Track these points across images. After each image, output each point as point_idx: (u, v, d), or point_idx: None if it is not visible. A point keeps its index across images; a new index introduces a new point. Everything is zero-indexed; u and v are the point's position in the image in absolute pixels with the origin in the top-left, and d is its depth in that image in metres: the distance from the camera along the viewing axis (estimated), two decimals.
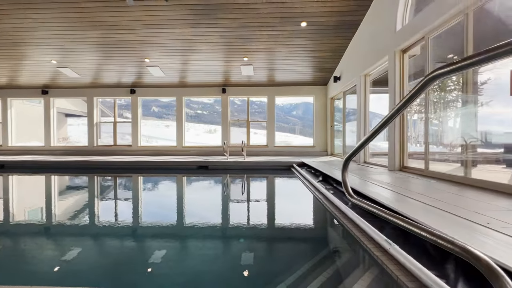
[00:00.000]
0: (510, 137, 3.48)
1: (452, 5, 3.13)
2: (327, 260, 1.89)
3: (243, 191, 4.71)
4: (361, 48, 5.92)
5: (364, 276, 1.53)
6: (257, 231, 2.52)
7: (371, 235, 1.85)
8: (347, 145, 7.65)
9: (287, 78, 8.73)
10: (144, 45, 6.86)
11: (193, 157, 8.30)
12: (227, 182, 5.68)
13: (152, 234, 2.38)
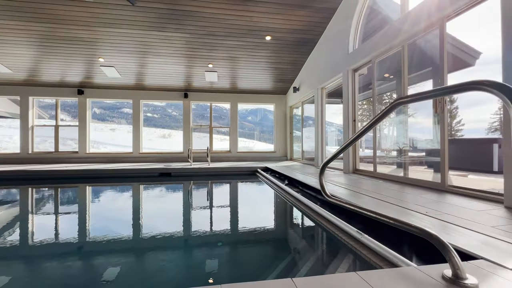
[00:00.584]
0: (429, 143, 4.39)
1: (393, 39, 3.86)
2: (308, 251, 2.16)
3: (215, 197, 4.77)
4: (319, 64, 6.61)
5: (343, 262, 1.84)
6: (238, 233, 2.67)
7: (344, 228, 2.20)
8: (305, 150, 8.32)
9: (250, 86, 9.06)
10: (98, 43, 6.34)
11: (153, 164, 7.90)
12: (195, 188, 5.63)
13: (111, 250, 2.18)
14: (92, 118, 9.41)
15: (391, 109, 1.49)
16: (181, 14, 5.45)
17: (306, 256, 2.10)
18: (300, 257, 2.08)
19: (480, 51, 4.77)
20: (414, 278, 1.15)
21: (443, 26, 3.06)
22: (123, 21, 5.59)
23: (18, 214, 3.55)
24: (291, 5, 5.34)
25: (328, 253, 2.15)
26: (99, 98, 8.92)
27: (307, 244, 2.39)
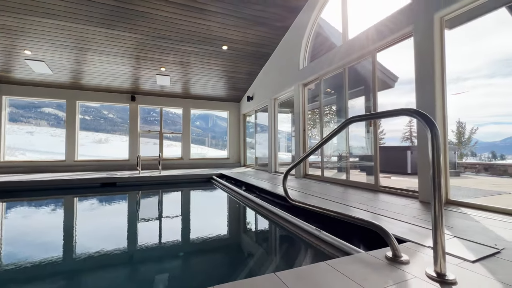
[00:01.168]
0: (364, 150, 5.20)
1: (337, 61, 4.50)
2: (273, 249, 2.36)
3: (170, 206, 4.60)
4: (272, 76, 7.08)
5: (307, 255, 2.09)
6: (200, 241, 2.70)
7: (303, 227, 2.48)
8: (258, 156, 8.68)
9: (204, 92, 9.01)
10: (25, 34, 5.43)
11: (93, 173, 7.05)
12: (146, 198, 5.29)
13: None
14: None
15: (345, 126, 1.82)
16: (134, 14, 5.16)
17: (273, 253, 2.29)
18: (268, 255, 2.26)
19: (398, 76, 5.92)
20: (366, 261, 1.45)
21: (374, 56, 3.76)
22: (60, 12, 4.96)
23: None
24: (248, 20, 5.64)
25: (292, 249, 2.39)
26: (21, 96, 7.53)
27: (270, 244, 2.58)
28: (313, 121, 8.92)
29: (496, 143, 3.46)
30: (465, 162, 10.06)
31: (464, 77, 21.20)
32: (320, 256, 2.02)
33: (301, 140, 5.62)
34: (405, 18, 3.18)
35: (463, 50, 17.78)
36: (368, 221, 1.66)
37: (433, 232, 1.24)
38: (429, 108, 2.81)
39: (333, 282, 1.21)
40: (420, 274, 1.27)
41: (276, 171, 7.08)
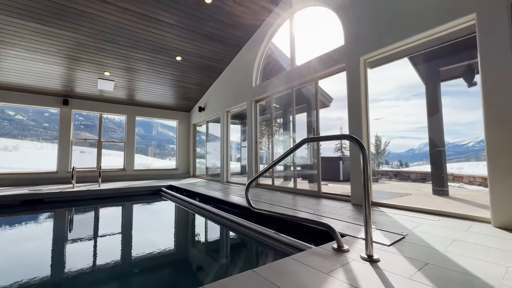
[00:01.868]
0: (308, 160, 5.94)
1: (287, 83, 5.11)
2: (239, 252, 2.60)
3: (116, 222, 4.30)
4: (225, 89, 7.37)
5: (268, 256, 2.40)
6: (166, 250, 2.73)
7: (263, 231, 2.79)
8: (208, 167, 8.73)
9: (152, 100, 8.62)
10: None
11: (7, 189, 5.90)
12: (82, 215, 4.77)
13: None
14: None
15: (300, 145, 2.25)
16: (78, 13, 4.76)
17: (239, 256, 2.52)
18: (236, 258, 2.48)
19: (333, 97, 6.99)
20: (319, 253, 1.84)
21: (317, 82, 4.48)
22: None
23: None
24: (204, 36, 5.86)
25: (257, 251, 2.66)
26: None
27: (236, 248, 2.81)
28: (260, 132, 9.53)
29: (402, 154, 4.41)
30: (381, 170, 12.29)
31: (379, 99, 25.70)
32: (280, 254, 2.35)
33: (253, 151, 6.03)
34: (340, 56, 3.97)
35: (379, 76, 21.86)
36: (319, 222, 2.09)
37: (365, 226, 1.72)
38: (358, 127, 3.57)
39: (299, 270, 1.55)
40: (357, 257, 1.72)
41: (228, 181, 7.29)
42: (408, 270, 1.52)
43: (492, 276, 1.42)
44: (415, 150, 26.34)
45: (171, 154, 15.28)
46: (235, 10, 5.23)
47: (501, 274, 1.44)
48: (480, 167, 17.84)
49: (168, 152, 16.80)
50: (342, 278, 1.43)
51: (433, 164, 4.91)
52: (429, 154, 5.01)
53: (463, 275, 1.44)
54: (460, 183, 8.47)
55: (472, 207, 3.22)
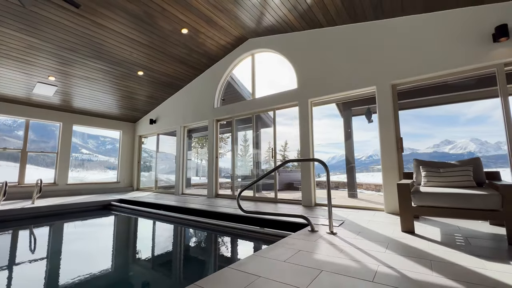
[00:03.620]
0: (248, 172, 7.06)
1: (248, 109, 6.18)
2: (235, 246, 3.37)
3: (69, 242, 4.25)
4: (183, 106, 7.81)
5: (260, 242, 3.29)
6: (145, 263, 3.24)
7: (250, 228, 3.66)
8: (157, 179, 8.73)
9: (94, 108, 8.07)
10: None
11: None
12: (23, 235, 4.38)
13: None
14: None
15: (283, 164, 3.31)
16: (42, 20, 4.55)
17: (236, 249, 3.30)
18: (234, 250, 3.25)
19: None
20: (303, 233, 2.91)
21: (275, 112, 5.74)
22: None
23: None
24: (172, 58, 6.33)
25: (250, 242, 3.49)
26: None
27: (229, 244, 3.55)
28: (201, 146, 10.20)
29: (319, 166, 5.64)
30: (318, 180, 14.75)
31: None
32: (270, 241, 3.29)
33: (214, 165, 6.74)
34: (294, 96, 5.36)
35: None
36: (298, 215, 3.18)
37: (329, 216, 2.90)
38: (307, 147, 4.95)
39: (297, 242, 2.55)
40: (324, 233, 2.87)
41: (183, 193, 7.61)
42: (352, 235, 2.76)
43: (387, 232, 2.82)
44: (328, 163, 32.25)
45: (107, 165, 13.86)
46: (205, 42, 6.02)
47: (391, 231, 2.86)
48: (370, 177, 23.74)
49: (105, 163, 15.06)
50: (323, 242, 2.53)
51: (348, 175, 6.88)
52: (346, 168, 6.99)
53: (377, 234, 2.78)
54: (361, 189, 11.38)
55: (373, 204, 5.01)
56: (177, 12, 4.87)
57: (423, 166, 3.34)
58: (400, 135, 4.12)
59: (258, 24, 5.49)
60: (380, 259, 2.04)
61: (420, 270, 1.80)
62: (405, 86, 4.24)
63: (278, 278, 1.70)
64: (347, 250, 2.27)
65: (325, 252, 2.22)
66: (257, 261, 2.04)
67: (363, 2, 4.05)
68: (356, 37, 4.63)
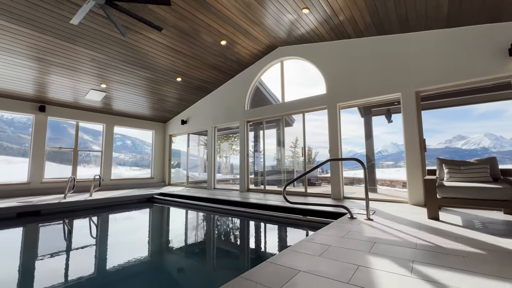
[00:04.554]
0: (294, 168, 7.70)
1: (277, 112, 6.80)
2: (285, 232, 4.04)
3: (132, 228, 5.00)
4: (215, 108, 8.48)
5: (304, 229, 3.94)
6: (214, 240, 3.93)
7: (294, 217, 4.31)
8: (189, 175, 9.50)
9: (130, 110, 8.83)
10: None
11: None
12: (100, 223, 5.17)
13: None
14: None
15: (326, 162, 3.93)
16: (106, 37, 5.27)
17: (285, 234, 3.96)
18: (287, 237, 3.92)
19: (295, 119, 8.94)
20: (344, 220, 3.54)
21: (304, 114, 6.35)
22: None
23: None
24: (208, 65, 6.99)
25: (296, 229, 4.15)
26: None
27: (282, 229, 4.22)
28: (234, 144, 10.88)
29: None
30: (322, 176, 15.23)
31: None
32: (311, 228, 3.94)
33: (245, 162, 7.42)
34: (323, 100, 5.94)
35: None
36: (338, 205, 3.80)
37: (366, 205, 3.52)
38: (336, 147, 5.55)
39: (345, 225, 3.19)
40: (363, 220, 3.49)
41: (215, 187, 8.34)
42: (387, 221, 3.37)
43: (416, 219, 3.41)
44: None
45: (137, 162, 14.69)
46: (240, 51, 6.64)
47: (419, 218, 3.45)
48: (380, 173, 24.30)
49: (135, 160, 15.74)
50: (365, 225, 3.15)
51: (369, 172, 7.44)
52: (367, 166, 7.53)
53: (407, 220, 3.38)
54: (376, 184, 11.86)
55: (393, 197, 5.57)
56: (219, 27, 5.50)
57: (446, 164, 3.90)
58: (423, 137, 4.68)
59: (289, 35, 6.07)
60: (416, 236, 2.65)
61: (449, 243, 2.41)
62: (427, 93, 4.76)
63: (345, 246, 2.34)
64: (388, 230, 2.89)
65: (371, 232, 2.85)
66: (322, 236, 2.69)
67: (391, 18, 4.57)
68: (382, 48, 5.16)
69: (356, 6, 4.36)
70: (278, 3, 4.62)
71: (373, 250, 2.23)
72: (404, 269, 1.80)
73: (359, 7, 4.38)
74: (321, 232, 2.87)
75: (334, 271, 1.78)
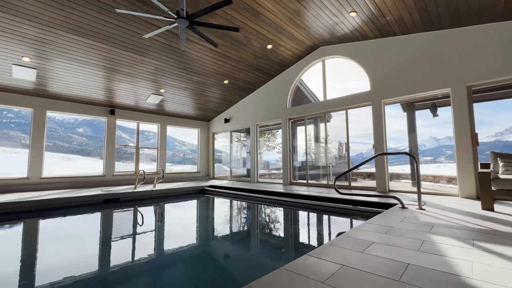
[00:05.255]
0: (336, 163, 7.99)
1: (319, 109, 7.13)
2: (338, 220, 4.45)
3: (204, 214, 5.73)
4: (256, 106, 9.05)
5: (358, 217, 4.31)
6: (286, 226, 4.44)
7: (345, 207, 4.68)
8: (232, 169, 10.24)
9: (179, 110, 9.78)
10: (32, 40, 5.16)
11: (86, 191, 6.64)
12: (172, 210, 6.01)
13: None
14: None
15: (376, 156, 4.24)
16: (173, 50, 6.06)
17: (344, 222, 4.37)
18: (346, 223, 4.33)
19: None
20: (396, 209, 3.84)
21: (347, 111, 6.60)
22: (86, 30, 5.20)
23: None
24: (253, 68, 7.54)
25: (348, 218, 4.54)
26: None
27: (338, 217, 4.64)
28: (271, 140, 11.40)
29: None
30: (357, 172, 15.10)
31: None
32: (363, 217, 4.28)
33: (288, 157, 7.88)
34: (367, 97, 6.14)
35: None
36: (389, 196, 4.10)
37: (418, 196, 3.77)
38: (381, 142, 5.75)
39: (398, 213, 3.50)
40: (414, 209, 3.76)
41: (258, 181, 8.95)
42: (439, 211, 3.61)
43: (469, 209, 3.59)
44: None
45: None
46: (283, 53, 7.07)
47: (472, 209, 3.62)
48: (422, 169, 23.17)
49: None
50: (418, 213, 3.44)
51: (412, 166, 7.43)
52: (409, 160, 7.53)
53: (461, 211, 3.58)
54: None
55: (442, 191, 5.62)
56: (267, 32, 5.98)
57: (500, 158, 3.96)
58: (475, 131, 4.71)
59: (332, 35, 6.34)
60: (472, 222, 2.90)
61: (507, 228, 2.63)
62: (478, 88, 4.76)
63: (406, 227, 2.70)
64: (443, 218, 3.16)
65: (426, 218, 3.15)
66: (381, 220, 3.06)
67: (441, 14, 4.65)
68: (430, 44, 5.23)
69: (405, 6, 4.53)
70: (326, 8, 4.96)
71: (433, 231, 2.56)
72: (466, 244, 2.13)
73: (408, 6, 4.54)
74: (379, 217, 3.24)
75: (403, 242, 2.18)
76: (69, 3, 4.32)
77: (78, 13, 4.60)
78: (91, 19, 4.75)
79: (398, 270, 1.62)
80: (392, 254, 1.92)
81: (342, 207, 4.73)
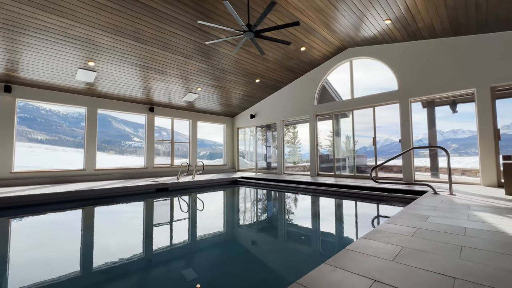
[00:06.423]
0: (362, 156, 8.61)
1: (347, 107, 7.72)
2: (379, 206, 5.11)
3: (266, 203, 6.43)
4: (283, 103, 9.64)
5: (395, 203, 4.97)
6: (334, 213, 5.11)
7: (381, 194, 5.34)
8: (247, 161, 10.92)
9: (209, 107, 10.42)
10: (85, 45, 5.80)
11: (136, 181, 7.39)
12: (224, 198, 6.74)
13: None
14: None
15: (409, 150, 4.85)
16: (215, 52, 6.67)
17: (383, 206, 5.04)
18: (382, 209, 4.99)
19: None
20: (429, 195, 4.47)
21: (374, 109, 7.18)
22: (132, 33, 5.82)
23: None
24: (284, 68, 8.11)
25: (386, 203, 5.20)
26: (31, 99, 6.83)
27: (375, 203, 5.30)
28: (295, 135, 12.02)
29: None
30: (369, 165, 15.75)
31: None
32: (399, 203, 4.92)
33: (315, 151, 8.52)
34: (395, 95, 6.71)
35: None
36: (422, 183, 4.73)
37: (449, 183, 4.40)
38: (408, 138, 6.35)
39: (431, 199, 4.14)
40: (446, 195, 4.39)
41: (284, 172, 9.63)
42: (469, 196, 4.23)
43: (494, 194, 4.21)
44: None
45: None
46: (314, 54, 7.62)
47: (497, 194, 4.24)
48: (423, 162, 23.71)
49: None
50: (451, 198, 4.07)
51: (432, 159, 8.02)
52: (430, 154, 8.12)
53: (487, 196, 4.20)
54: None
55: (464, 181, 6.22)
56: (304, 37, 6.54)
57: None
58: (498, 127, 5.28)
59: (362, 38, 6.87)
60: (501, 203, 3.52)
61: None
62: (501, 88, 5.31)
63: (448, 207, 3.34)
64: (475, 200, 3.79)
65: (461, 201, 3.78)
66: (424, 201, 3.70)
67: (470, 22, 5.17)
68: (457, 47, 5.75)
69: (437, 15, 5.06)
70: (363, 16, 5.50)
71: (472, 209, 3.21)
72: (501, 216, 2.77)
73: (441, 15, 5.07)
74: (421, 200, 3.89)
75: (454, 215, 2.82)
76: (139, 15, 4.94)
77: (143, 23, 5.22)
78: (155, 28, 5.37)
79: (459, 230, 2.28)
80: (450, 221, 2.58)
81: (379, 194, 5.38)
